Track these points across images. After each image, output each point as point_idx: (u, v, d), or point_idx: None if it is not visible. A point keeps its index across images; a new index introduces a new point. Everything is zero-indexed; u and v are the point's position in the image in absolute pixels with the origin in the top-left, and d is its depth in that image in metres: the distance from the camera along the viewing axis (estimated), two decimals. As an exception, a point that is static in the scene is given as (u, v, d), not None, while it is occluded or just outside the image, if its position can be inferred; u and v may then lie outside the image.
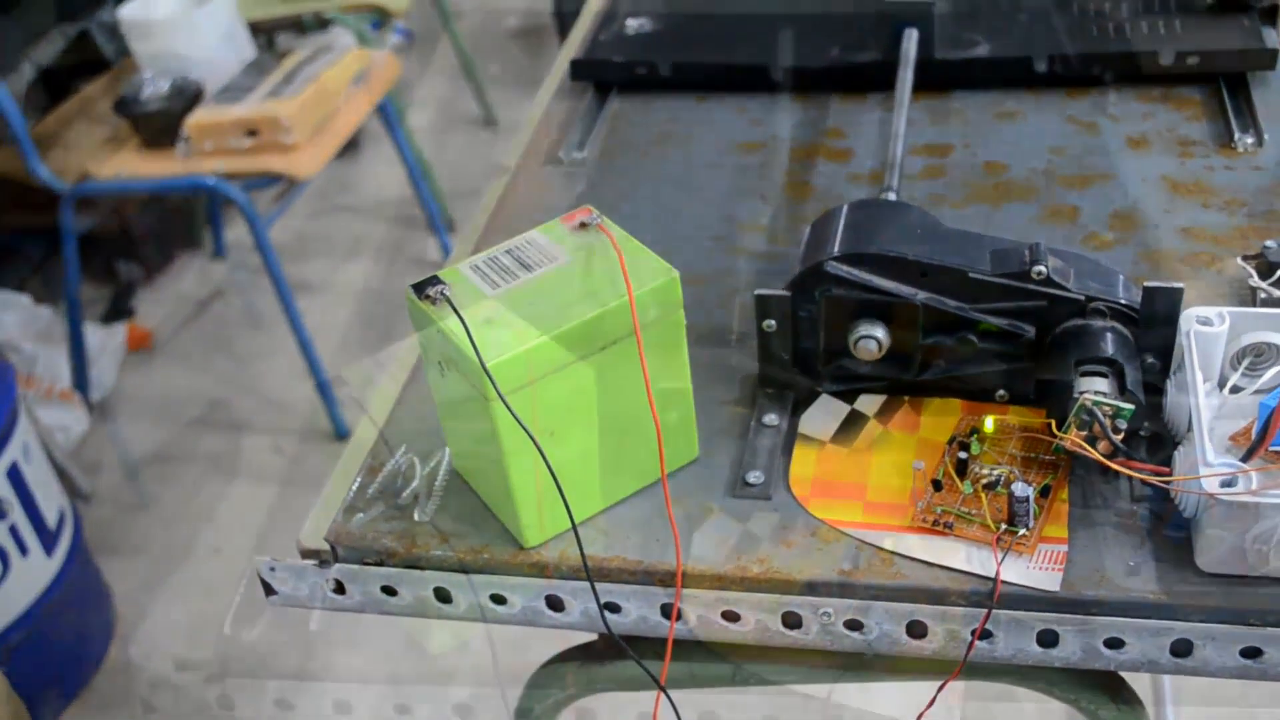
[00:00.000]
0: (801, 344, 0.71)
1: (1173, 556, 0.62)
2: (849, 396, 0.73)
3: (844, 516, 0.66)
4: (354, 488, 0.72)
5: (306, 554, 0.71)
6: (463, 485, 0.71)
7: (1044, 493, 0.65)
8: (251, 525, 1.96)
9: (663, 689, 0.66)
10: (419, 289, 0.64)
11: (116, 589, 1.79)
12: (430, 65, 3.00)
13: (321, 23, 2.38)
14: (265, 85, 1.94)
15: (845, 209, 0.73)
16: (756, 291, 0.70)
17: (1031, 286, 0.67)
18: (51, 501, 1.61)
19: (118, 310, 2.42)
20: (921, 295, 0.68)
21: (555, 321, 0.61)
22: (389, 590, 0.69)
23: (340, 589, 0.70)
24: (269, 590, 0.71)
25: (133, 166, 1.94)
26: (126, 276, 2.48)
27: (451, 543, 0.68)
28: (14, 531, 1.52)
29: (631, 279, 0.63)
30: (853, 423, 0.72)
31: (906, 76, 0.92)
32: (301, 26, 2.37)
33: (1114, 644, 0.61)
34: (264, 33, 2.32)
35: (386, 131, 2.31)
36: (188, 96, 1.94)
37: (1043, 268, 0.66)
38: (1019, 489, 0.63)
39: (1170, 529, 0.63)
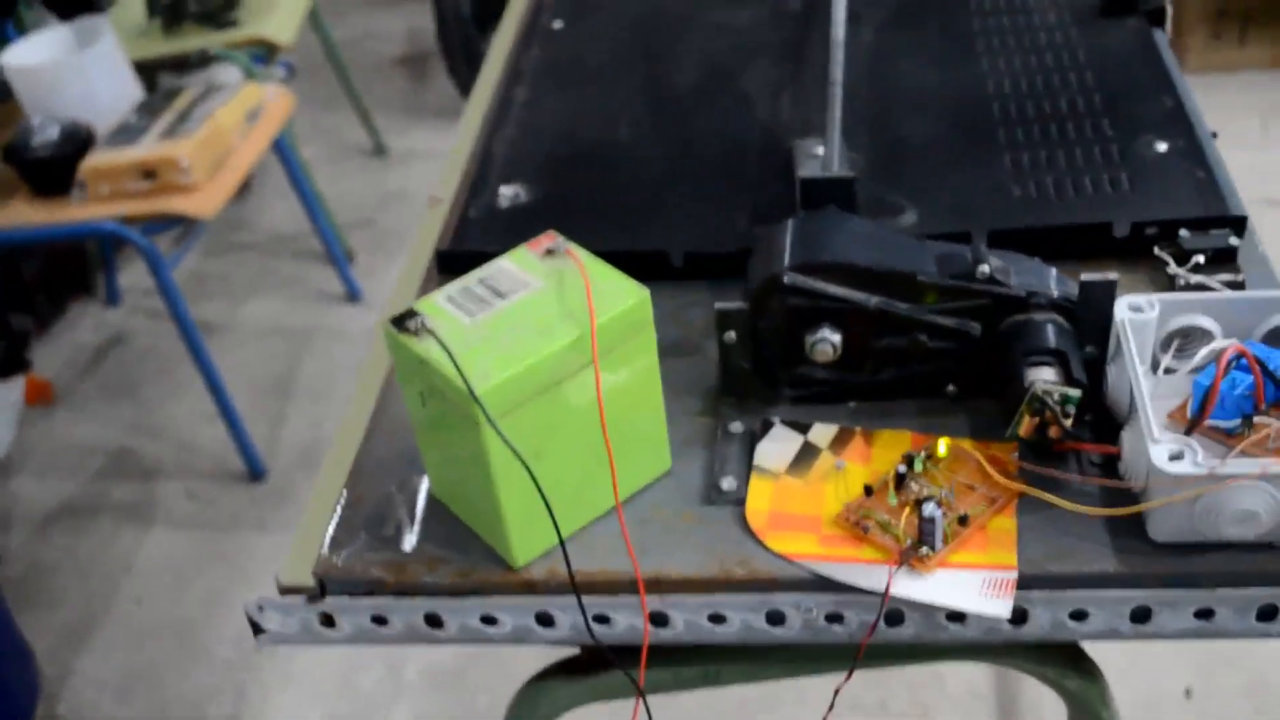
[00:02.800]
0: (761, 352, 0.75)
1: (1126, 531, 0.66)
2: (807, 401, 0.76)
3: (800, 549, 0.67)
4: (334, 522, 0.73)
5: (286, 591, 0.72)
6: (441, 510, 0.73)
7: (962, 521, 0.66)
8: (171, 572, 1.93)
9: (640, 691, 0.68)
10: (397, 322, 0.66)
11: (37, 646, 1.75)
12: (312, 97, 2.98)
13: (204, 60, 2.36)
14: (159, 126, 1.92)
15: (791, 222, 0.76)
16: (717, 306, 0.73)
17: (976, 286, 0.71)
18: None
19: (11, 363, 2.36)
20: (874, 300, 0.72)
21: (537, 345, 0.64)
22: (380, 619, 0.70)
23: (330, 622, 0.71)
24: (257, 629, 0.72)
25: (25, 215, 1.90)
26: (18, 328, 2.42)
27: (439, 569, 0.70)
28: (-69, 595, 1.49)
29: (602, 301, 0.66)
30: (806, 454, 0.73)
31: None
32: (186, 64, 2.34)
33: (1078, 616, 0.65)
34: (145, 72, 2.29)
35: (281, 165, 2.30)
36: (79, 141, 1.91)
37: (986, 267, 0.70)
38: (927, 509, 0.65)
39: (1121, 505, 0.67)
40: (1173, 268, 0.80)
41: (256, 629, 0.72)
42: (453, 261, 0.90)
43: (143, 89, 2.08)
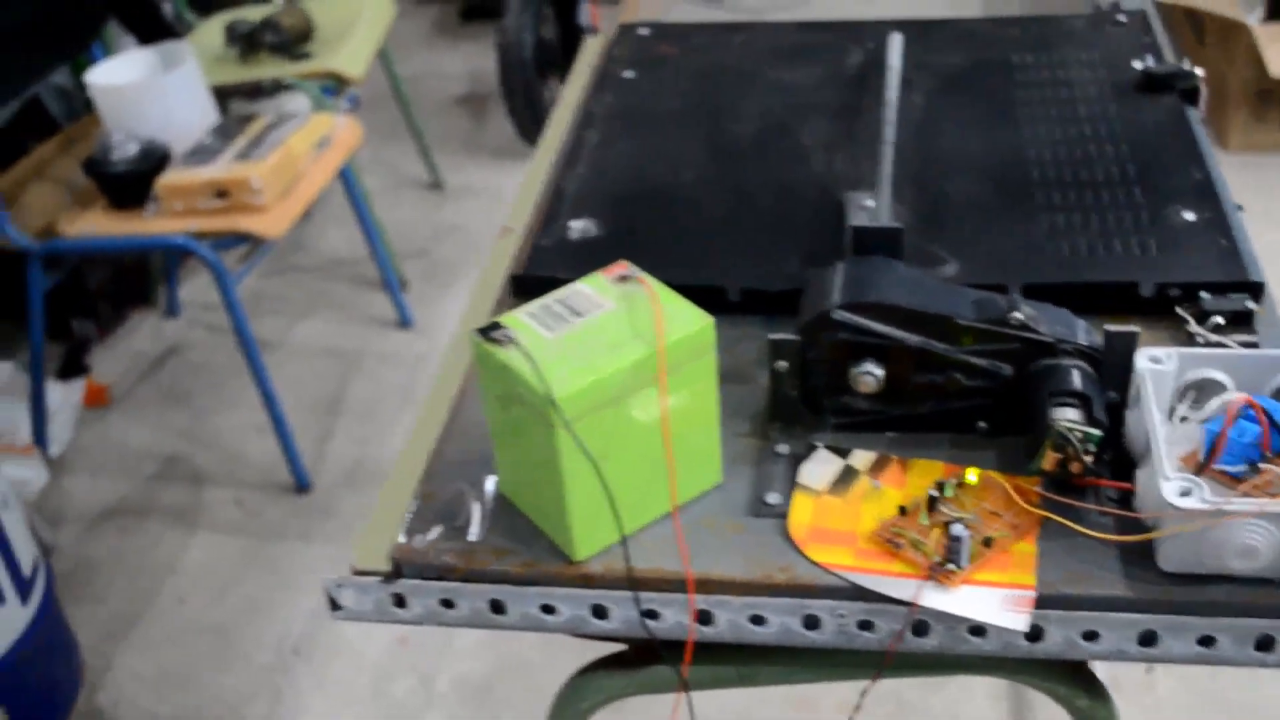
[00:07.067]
0: (809, 382, 0.81)
1: (1137, 561, 0.72)
2: (849, 429, 0.83)
3: (837, 560, 0.74)
4: (410, 513, 0.80)
5: (360, 574, 0.79)
6: (509, 508, 0.79)
7: (987, 543, 0.72)
8: (215, 575, 2.00)
9: (684, 683, 0.75)
10: (484, 332, 0.73)
11: (82, 639, 1.82)
12: (375, 129, 3.08)
13: (276, 88, 2.46)
14: (233, 148, 2.01)
15: (842, 265, 0.83)
16: (770, 336, 0.80)
17: (1009, 331, 0.77)
18: (26, 550, 1.64)
19: (72, 367, 2.45)
20: (914, 339, 0.79)
21: (610, 360, 0.70)
22: (447, 603, 0.77)
23: (401, 603, 0.77)
24: (335, 605, 0.78)
25: (102, 226, 1.99)
26: (81, 334, 2.52)
27: (505, 558, 0.76)
28: (-7, 578, 1.56)
29: (670, 324, 0.73)
30: (847, 476, 0.80)
31: None
32: (259, 91, 2.44)
33: (1090, 636, 0.71)
34: (219, 97, 2.39)
35: (341, 192, 2.39)
36: (156, 158, 2.00)
37: (1019, 314, 0.77)
38: (955, 529, 0.71)
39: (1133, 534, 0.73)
40: (1192, 326, 0.87)
41: (334, 605, 0.78)
42: (525, 284, 0.97)
43: (217, 113, 2.18)
